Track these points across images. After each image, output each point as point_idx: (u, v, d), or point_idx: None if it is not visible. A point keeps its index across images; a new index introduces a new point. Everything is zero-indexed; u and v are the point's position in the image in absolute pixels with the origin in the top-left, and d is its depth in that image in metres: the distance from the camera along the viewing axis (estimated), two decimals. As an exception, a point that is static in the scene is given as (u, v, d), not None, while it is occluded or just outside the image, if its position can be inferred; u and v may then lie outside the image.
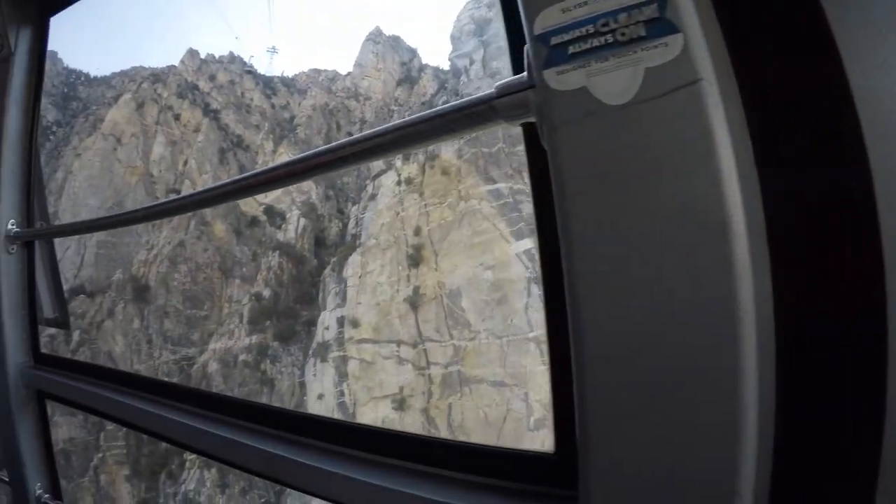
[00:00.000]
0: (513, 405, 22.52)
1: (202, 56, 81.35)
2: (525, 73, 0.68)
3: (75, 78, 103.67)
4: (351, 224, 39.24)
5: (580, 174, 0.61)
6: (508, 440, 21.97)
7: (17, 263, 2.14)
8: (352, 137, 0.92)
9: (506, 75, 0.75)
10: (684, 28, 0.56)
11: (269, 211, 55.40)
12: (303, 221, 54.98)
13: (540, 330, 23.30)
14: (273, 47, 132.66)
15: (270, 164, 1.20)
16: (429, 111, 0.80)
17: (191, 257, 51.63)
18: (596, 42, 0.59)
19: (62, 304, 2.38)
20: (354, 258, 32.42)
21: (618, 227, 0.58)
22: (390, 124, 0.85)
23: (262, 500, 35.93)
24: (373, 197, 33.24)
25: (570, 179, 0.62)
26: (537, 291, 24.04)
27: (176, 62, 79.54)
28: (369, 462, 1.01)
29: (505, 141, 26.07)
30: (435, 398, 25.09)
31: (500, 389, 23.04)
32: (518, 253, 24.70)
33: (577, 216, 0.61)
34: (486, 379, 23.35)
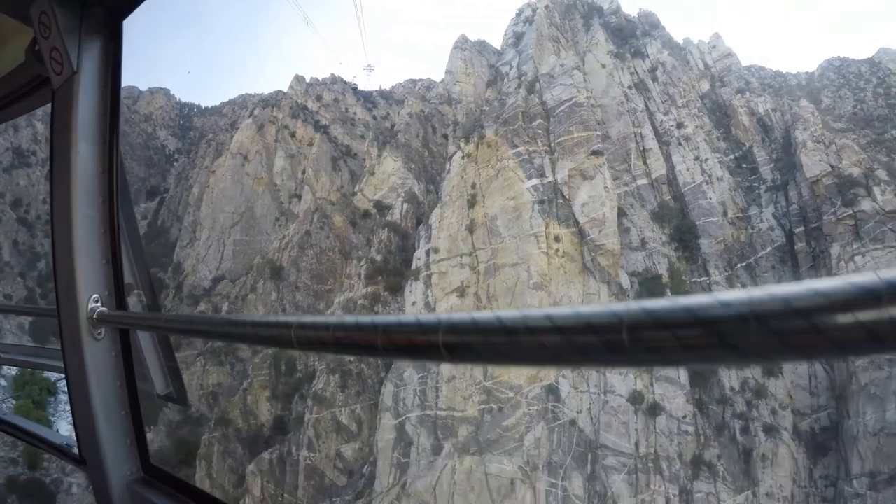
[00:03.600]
0: (520, 276, 36.56)
1: (307, 80, 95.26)
2: None
3: (189, 110, 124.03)
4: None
5: None
6: (517, 296, 35.97)
7: (107, 351, 1.58)
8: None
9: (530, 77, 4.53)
10: None
11: (378, 205, 69.40)
12: (406, 206, 70.16)
13: (538, 228, 37.28)
14: (369, 65, 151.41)
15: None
16: None
17: (315, 243, 61.89)
18: None
19: (176, 375, 1.94)
20: (436, 211, 48.18)
21: None
22: None
23: (371, 402, 48.22)
24: (448, 171, 49.04)
25: None
26: (538, 207, 38.08)
27: (284, 88, 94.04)
28: None
29: (524, 120, 40.55)
30: (480, 283, 39.66)
31: (515, 268, 37.10)
32: (528, 187, 39.03)
33: None
34: (507, 264, 37.54)
